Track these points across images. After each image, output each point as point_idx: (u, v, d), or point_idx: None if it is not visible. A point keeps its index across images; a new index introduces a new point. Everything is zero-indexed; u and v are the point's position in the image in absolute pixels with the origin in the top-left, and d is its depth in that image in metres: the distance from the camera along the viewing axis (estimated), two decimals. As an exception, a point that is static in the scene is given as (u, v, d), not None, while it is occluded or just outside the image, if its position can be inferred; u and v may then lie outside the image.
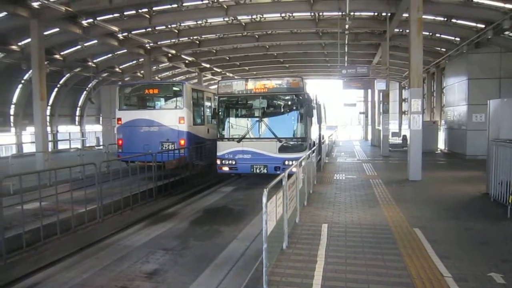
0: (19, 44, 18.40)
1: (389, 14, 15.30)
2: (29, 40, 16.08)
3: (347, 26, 15.27)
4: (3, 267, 6.09)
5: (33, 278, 5.95)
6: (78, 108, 29.79)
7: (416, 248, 5.45)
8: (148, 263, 6.44)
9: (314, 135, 13.11)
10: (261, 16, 17.52)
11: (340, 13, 15.10)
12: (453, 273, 4.57)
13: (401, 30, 18.42)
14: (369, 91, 28.75)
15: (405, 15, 13.91)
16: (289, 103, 11.75)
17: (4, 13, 14.83)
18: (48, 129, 21.22)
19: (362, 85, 19.71)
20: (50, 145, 22.53)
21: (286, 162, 10.80)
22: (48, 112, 22.66)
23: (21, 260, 6.48)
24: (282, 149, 11.24)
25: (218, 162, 11.92)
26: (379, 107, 24.94)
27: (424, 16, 12.03)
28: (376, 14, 16.85)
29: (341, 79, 18.49)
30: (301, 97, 11.30)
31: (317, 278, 4.53)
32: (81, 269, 6.25)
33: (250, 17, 17.59)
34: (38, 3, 13.04)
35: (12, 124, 23.66)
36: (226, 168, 11.86)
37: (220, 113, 12.03)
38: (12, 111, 23.57)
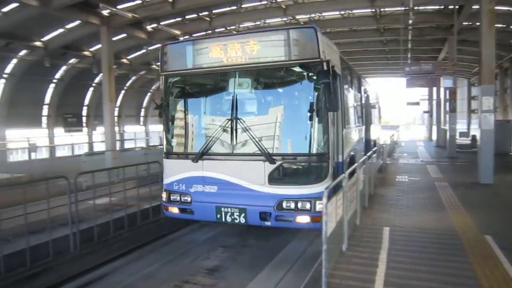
0: (91, 50, 19.82)
1: (457, 7, 14.43)
2: (99, 46, 17.24)
3: (410, 22, 14.64)
4: (79, 257, 6.58)
5: (103, 268, 6.38)
6: (143, 109, 31.42)
7: (487, 257, 5.08)
8: (208, 259, 6.65)
9: (349, 147, 7.59)
10: (320, 15, 17.31)
11: (403, 8, 14.52)
12: (531, 285, 4.22)
13: (470, 23, 17.30)
14: (434, 89, 27.30)
15: (475, 7, 13.04)
16: (293, 83, 6.30)
17: (78, 22, 16.07)
18: (116, 129, 22.51)
19: (427, 83, 18.72)
20: (118, 144, 23.93)
21: (285, 204, 5.74)
22: (116, 113, 24.07)
23: (93, 252, 6.93)
24: (276, 177, 5.82)
25: (164, 197, 6.69)
26: (445, 105, 23.65)
27: (496, 7, 11.20)
28: (442, 7, 15.97)
29: (404, 77, 17.75)
30: (315, 71, 5.71)
31: (378, 283, 4.39)
32: (147, 261, 6.61)
33: (308, 16, 17.46)
34: (108, 11, 13.93)
35: (84, 125, 25.56)
36: (174, 210, 6.54)
37: (167, 106, 6.68)
38: (84, 113, 25.49)
